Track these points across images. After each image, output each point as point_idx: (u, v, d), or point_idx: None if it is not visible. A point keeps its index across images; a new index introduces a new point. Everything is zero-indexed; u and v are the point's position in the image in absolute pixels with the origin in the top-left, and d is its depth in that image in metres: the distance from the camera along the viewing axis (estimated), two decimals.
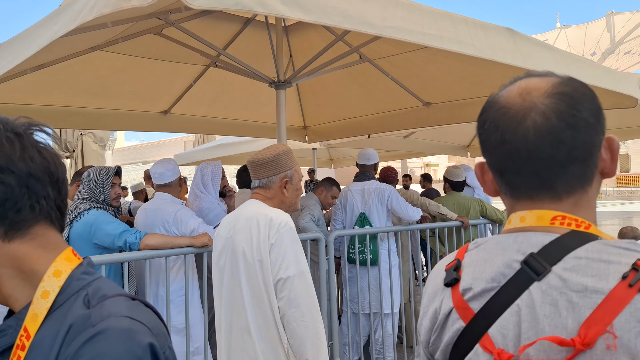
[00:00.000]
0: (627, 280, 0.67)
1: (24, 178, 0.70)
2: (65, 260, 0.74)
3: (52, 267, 0.72)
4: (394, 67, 4.82)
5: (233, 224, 2.03)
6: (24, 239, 0.72)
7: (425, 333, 0.86)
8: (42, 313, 0.69)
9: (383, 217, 4.05)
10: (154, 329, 0.70)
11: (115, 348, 0.63)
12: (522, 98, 0.79)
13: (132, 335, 0.66)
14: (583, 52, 10.99)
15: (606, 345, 0.66)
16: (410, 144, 7.99)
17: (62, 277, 0.72)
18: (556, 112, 0.76)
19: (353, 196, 4.12)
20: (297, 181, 2.18)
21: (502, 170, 0.82)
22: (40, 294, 0.70)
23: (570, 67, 2.93)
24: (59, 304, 0.71)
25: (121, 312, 0.69)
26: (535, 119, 0.77)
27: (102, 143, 6.40)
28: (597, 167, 0.80)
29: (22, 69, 3.74)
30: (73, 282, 0.73)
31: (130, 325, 0.67)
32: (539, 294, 0.72)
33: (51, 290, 0.71)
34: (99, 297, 0.72)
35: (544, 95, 0.78)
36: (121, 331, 0.65)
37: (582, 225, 0.77)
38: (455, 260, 0.85)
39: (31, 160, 0.71)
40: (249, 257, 1.92)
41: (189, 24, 3.94)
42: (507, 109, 0.80)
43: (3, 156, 0.69)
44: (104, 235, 2.61)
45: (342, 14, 1.96)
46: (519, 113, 0.78)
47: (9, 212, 0.70)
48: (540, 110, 0.77)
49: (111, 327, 0.65)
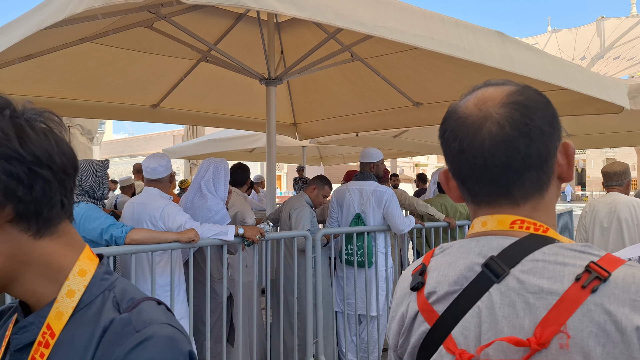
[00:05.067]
0: (580, 282, 0.70)
1: (60, 174, 0.70)
2: (87, 259, 0.74)
3: (76, 266, 0.72)
4: (385, 67, 4.84)
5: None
6: (53, 237, 0.71)
7: (393, 337, 0.89)
8: (67, 312, 0.69)
9: (378, 219, 3.99)
10: (187, 335, 0.72)
11: (162, 356, 0.65)
12: (478, 108, 0.82)
13: (175, 343, 0.67)
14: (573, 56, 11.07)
15: (559, 344, 0.68)
16: (400, 143, 8.02)
17: (87, 276, 0.73)
18: (510, 122, 0.79)
19: (350, 195, 4.05)
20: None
21: (463, 178, 0.85)
22: (65, 292, 0.70)
23: (559, 73, 2.96)
24: (84, 303, 0.71)
25: (161, 319, 0.70)
26: (490, 129, 0.79)
27: (90, 136, 6.35)
28: (554, 172, 0.82)
29: (10, 59, 3.70)
30: (97, 282, 0.73)
31: (172, 333, 0.68)
32: (498, 296, 0.75)
33: (77, 289, 0.71)
34: (128, 300, 0.72)
35: (498, 105, 0.80)
36: (166, 339, 0.67)
37: (541, 229, 0.80)
38: (421, 265, 0.88)
39: (64, 155, 0.71)
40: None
41: (180, 18, 3.91)
42: (464, 119, 0.82)
43: (43, 150, 0.67)
44: (91, 228, 2.59)
45: (335, 12, 1.97)
46: (475, 123, 0.81)
47: (44, 208, 0.69)
48: (495, 119, 0.79)
49: (157, 335, 0.66)
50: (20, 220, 0.68)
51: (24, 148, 0.66)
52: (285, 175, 35.28)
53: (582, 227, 3.92)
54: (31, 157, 0.66)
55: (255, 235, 3.02)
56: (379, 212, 3.97)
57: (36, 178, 0.67)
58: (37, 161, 0.67)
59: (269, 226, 3.18)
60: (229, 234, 2.94)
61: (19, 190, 0.66)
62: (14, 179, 0.65)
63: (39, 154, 0.67)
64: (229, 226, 2.98)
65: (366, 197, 3.98)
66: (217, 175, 3.35)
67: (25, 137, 0.66)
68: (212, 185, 3.34)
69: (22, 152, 0.65)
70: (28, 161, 0.66)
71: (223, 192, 3.36)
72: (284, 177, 35.48)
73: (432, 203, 4.79)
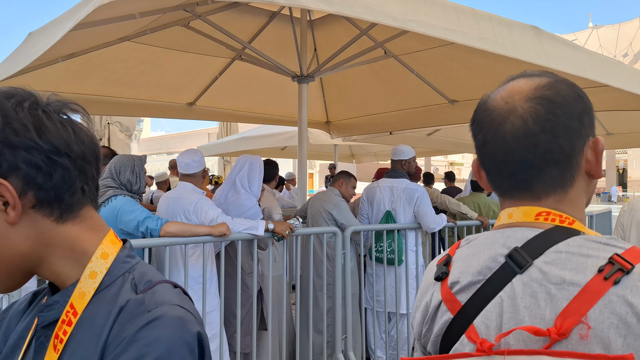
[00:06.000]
0: (602, 273, 0.70)
1: (79, 161, 0.73)
2: (110, 242, 0.78)
3: (99, 249, 0.76)
4: (419, 64, 4.80)
5: None
6: (76, 221, 0.75)
7: (417, 326, 0.90)
8: (89, 292, 0.73)
9: (409, 217, 3.96)
10: (198, 318, 0.75)
11: (170, 335, 0.67)
12: (504, 101, 0.82)
13: (184, 323, 0.69)
14: (615, 52, 10.72)
15: (579, 335, 0.68)
16: (434, 141, 7.93)
17: (109, 259, 0.76)
18: (533, 117, 0.78)
19: (381, 193, 4.03)
20: None
21: (486, 169, 0.86)
22: (88, 274, 0.74)
23: (597, 68, 2.87)
24: (105, 284, 0.75)
25: (173, 300, 0.73)
26: (513, 123, 0.79)
27: (128, 132, 6.54)
28: (580, 168, 0.81)
29: (54, 57, 3.85)
30: (119, 265, 0.77)
31: (182, 314, 0.71)
32: (521, 286, 0.75)
33: (99, 271, 0.75)
34: (145, 282, 0.76)
35: (524, 98, 0.80)
36: (175, 319, 0.69)
37: (566, 221, 0.79)
38: (446, 256, 0.89)
39: (82, 144, 0.74)
40: None
41: (215, 17, 3.99)
42: (491, 111, 0.83)
43: (61, 140, 0.71)
44: (128, 220, 2.68)
45: (364, 6, 1.97)
46: (500, 116, 0.81)
47: (65, 194, 0.72)
48: (519, 114, 0.79)
49: (166, 315, 0.69)
50: (43, 206, 0.72)
51: (42, 138, 0.70)
52: (317, 174, 35.37)
53: (620, 226, 3.79)
54: (49, 146, 0.70)
55: (285, 231, 3.06)
56: (409, 209, 3.94)
57: (55, 166, 0.71)
58: (55, 150, 0.71)
59: (299, 222, 3.21)
60: (259, 228, 2.99)
61: (38, 178, 0.70)
62: (34, 168, 0.69)
63: (56, 143, 0.71)
64: (260, 221, 3.02)
65: (397, 194, 3.96)
66: (252, 172, 3.41)
67: (43, 127, 0.70)
68: (247, 181, 3.39)
69: (39, 142, 0.69)
70: (46, 150, 0.70)
71: (257, 189, 3.41)
72: (316, 175, 35.57)
73: (465, 201, 4.72)
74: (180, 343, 0.67)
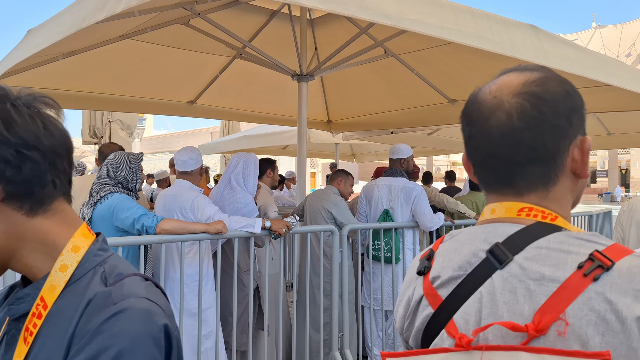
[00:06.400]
0: (582, 269, 0.69)
1: (49, 155, 0.74)
2: (82, 236, 0.79)
3: (70, 242, 0.76)
4: (419, 63, 4.79)
5: None
6: (47, 215, 0.75)
7: (399, 320, 0.90)
8: (59, 285, 0.74)
9: (407, 216, 3.97)
10: (167, 311, 0.75)
11: (135, 327, 0.67)
12: (492, 95, 0.81)
13: (150, 315, 0.70)
14: (618, 52, 10.68)
15: (557, 331, 0.68)
16: (434, 141, 7.92)
17: (80, 252, 0.77)
18: (519, 112, 0.78)
19: (379, 191, 4.04)
20: None
21: (472, 163, 0.86)
22: (58, 267, 0.74)
23: (597, 67, 2.86)
24: (76, 277, 0.75)
25: (140, 292, 0.73)
26: (499, 118, 0.79)
27: (129, 130, 6.55)
28: (565, 167, 0.80)
29: (54, 55, 3.85)
30: (90, 258, 0.77)
31: (148, 306, 0.71)
32: (500, 282, 0.74)
33: (69, 264, 0.75)
34: (115, 275, 0.76)
35: (512, 94, 0.79)
36: (140, 311, 0.69)
37: (549, 217, 0.79)
38: (429, 250, 0.89)
39: (53, 137, 0.74)
40: None
41: (215, 15, 3.99)
42: (479, 105, 0.82)
43: (30, 133, 0.72)
44: (123, 218, 2.68)
45: (358, 4, 1.97)
46: (487, 110, 0.81)
47: (35, 188, 0.72)
48: (505, 109, 0.79)
49: (132, 307, 0.69)
50: (12, 200, 0.72)
51: (10, 131, 0.70)
52: (319, 173, 35.33)
53: (619, 226, 3.79)
54: (17, 140, 0.70)
55: (282, 228, 3.06)
56: (407, 208, 3.94)
57: (24, 160, 0.71)
58: (24, 143, 0.71)
59: (296, 219, 3.21)
60: (256, 226, 2.99)
61: (7, 172, 0.70)
62: (2, 161, 0.69)
63: (25, 137, 0.71)
64: (256, 219, 3.02)
65: (395, 193, 3.96)
66: (247, 170, 3.42)
67: (11, 121, 0.70)
68: (242, 179, 3.41)
69: (7, 135, 0.69)
70: (14, 144, 0.70)
71: (252, 186, 3.42)
72: (318, 174, 35.55)
73: (463, 200, 4.71)
74: (145, 335, 0.67)
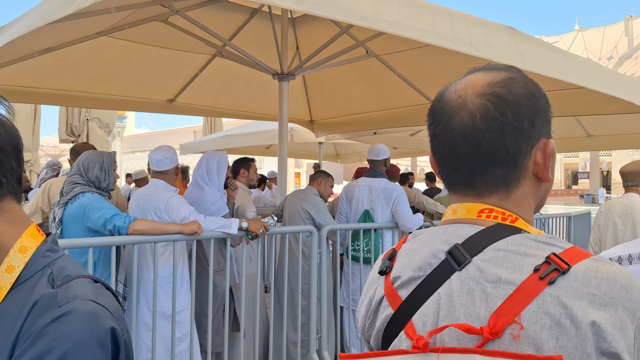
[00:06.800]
0: (538, 272, 0.68)
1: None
2: (30, 236, 0.76)
3: (18, 243, 0.74)
4: (401, 64, 4.79)
5: None
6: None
7: (361, 320, 0.89)
8: (5, 287, 0.71)
9: (387, 217, 3.97)
10: (115, 313, 0.72)
11: (79, 330, 0.65)
12: (457, 94, 0.80)
13: (96, 318, 0.68)
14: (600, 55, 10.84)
15: (511, 335, 0.67)
16: (417, 142, 7.96)
17: (27, 253, 0.74)
18: (482, 114, 0.77)
19: (360, 192, 4.04)
20: None
21: (436, 161, 0.86)
22: (5, 268, 0.72)
23: (573, 70, 2.88)
24: (23, 279, 0.73)
25: (86, 295, 0.71)
26: (462, 118, 0.78)
27: (108, 129, 6.46)
28: (526, 170, 0.79)
29: (30, 52, 3.77)
30: (38, 259, 0.75)
31: (94, 308, 0.69)
32: (458, 284, 0.74)
33: (16, 265, 0.73)
34: (63, 277, 0.73)
35: (476, 94, 0.78)
36: (86, 314, 0.67)
37: (509, 219, 0.78)
38: (392, 250, 0.88)
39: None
40: None
41: (194, 13, 3.94)
42: (444, 104, 0.81)
43: None
44: (95, 218, 2.63)
45: (334, 5, 1.95)
46: (451, 109, 0.80)
47: None
48: (468, 109, 0.78)
49: (76, 310, 0.67)
50: None
51: None
52: (304, 173, 35.32)
53: (597, 227, 3.83)
54: None
55: (259, 229, 3.03)
56: (387, 209, 3.94)
57: None
58: None
59: (274, 220, 3.18)
60: (232, 227, 2.96)
61: None
62: None
63: None
64: (233, 219, 2.99)
65: (375, 194, 3.96)
66: (209, 167, 3.45)
67: None
68: (207, 177, 3.43)
69: None
70: None
71: (218, 183, 3.43)
72: (303, 174, 35.52)
73: (443, 202, 4.73)
74: (90, 338, 0.66)
